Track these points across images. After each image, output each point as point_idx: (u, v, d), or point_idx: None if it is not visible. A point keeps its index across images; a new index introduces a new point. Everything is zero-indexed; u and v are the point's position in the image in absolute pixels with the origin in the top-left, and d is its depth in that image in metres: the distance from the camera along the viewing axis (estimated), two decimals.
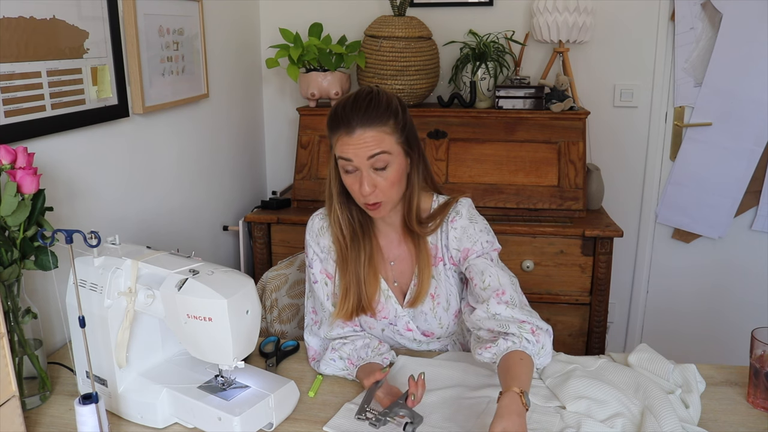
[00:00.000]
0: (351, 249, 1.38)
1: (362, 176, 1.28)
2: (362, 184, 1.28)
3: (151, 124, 1.88)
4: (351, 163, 1.28)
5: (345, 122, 1.27)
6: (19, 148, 1.20)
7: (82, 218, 1.56)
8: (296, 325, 1.81)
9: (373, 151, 1.27)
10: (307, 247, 1.45)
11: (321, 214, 1.46)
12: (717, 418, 1.19)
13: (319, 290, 1.43)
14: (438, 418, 1.17)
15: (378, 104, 1.29)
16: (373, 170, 1.28)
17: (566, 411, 1.18)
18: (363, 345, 1.37)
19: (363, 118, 1.26)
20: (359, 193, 1.29)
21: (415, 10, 2.57)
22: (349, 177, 1.30)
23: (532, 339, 1.21)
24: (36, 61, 1.37)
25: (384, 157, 1.28)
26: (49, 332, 1.45)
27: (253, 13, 2.68)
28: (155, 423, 1.16)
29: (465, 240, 1.37)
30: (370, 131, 1.26)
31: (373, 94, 1.31)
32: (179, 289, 1.08)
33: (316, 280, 1.44)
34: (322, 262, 1.43)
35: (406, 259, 1.43)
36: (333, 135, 1.31)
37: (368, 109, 1.27)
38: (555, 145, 2.29)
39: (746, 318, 2.61)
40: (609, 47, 2.55)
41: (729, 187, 2.57)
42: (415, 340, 1.45)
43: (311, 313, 1.47)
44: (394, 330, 1.44)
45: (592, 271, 2.17)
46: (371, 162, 1.27)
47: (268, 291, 1.76)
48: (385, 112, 1.29)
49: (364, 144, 1.26)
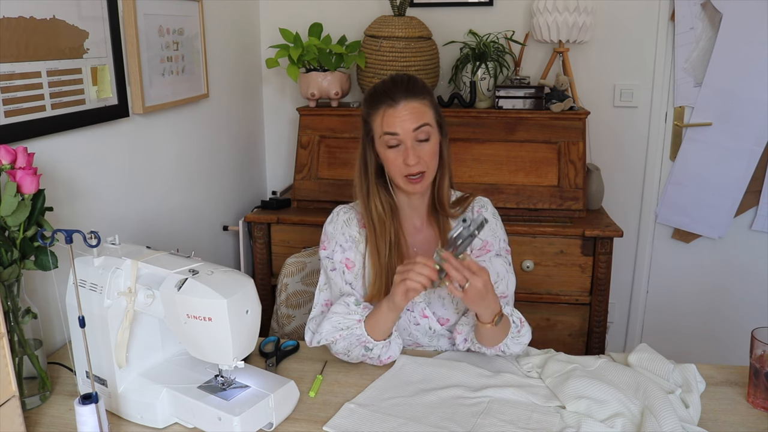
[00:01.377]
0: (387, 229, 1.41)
1: (407, 148, 1.34)
2: (408, 155, 1.33)
3: (151, 124, 1.88)
4: (396, 137, 1.34)
5: (388, 96, 1.34)
6: (19, 148, 1.20)
7: (82, 218, 1.56)
8: (306, 312, 1.84)
9: (418, 122, 1.34)
10: (329, 239, 1.47)
11: (345, 207, 1.51)
12: (717, 418, 1.19)
13: (337, 277, 1.44)
14: (438, 418, 1.17)
15: (416, 81, 1.39)
16: (417, 142, 1.34)
17: (566, 411, 1.19)
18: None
19: (406, 91, 1.34)
20: (403, 165, 1.34)
21: (415, 10, 2.57)
22: (391, 152, 1.35)
23: (517, 321, 1.36)
24: (36, 61, 1.37)
25: (427, 129, 1.35)
26: (49, 332, 1.45)
27: (253, 13, 2.68)
28: (155, 423, 1.16)
29: (488, 232, 1.44)
30: (413, 102, 1.34)
31: (409, 76, 1.40)
32: (179, 289, 1.08)
33: (335, 267, 1.44)
34: (345, 252, 1.44)
35: (428, 243, 1.46)
36: (374, 112, 1.37)
37: (409, 84, 1.36)
38: (555, 145, 2.29)
39: (746, 318, 2.60)
40: (609, 47, 2.55)
41: (729, 187, 2.57)
42: (429, 329, 1.46)
43: (322, 305, 1.46)
44: (410, 317, 1.45)
45: (592, 271, 2.17)
46: (416, 134, 1.34)
47: (282, 275, 1.85)
48: (423, 87, 1.39)
49: (409, 115, 1.33)
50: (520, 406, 1.21)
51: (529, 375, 1.33)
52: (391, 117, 1.33)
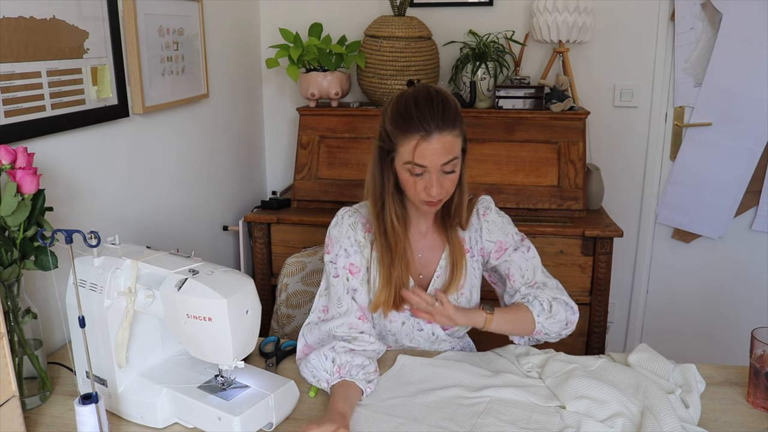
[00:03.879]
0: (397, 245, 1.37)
1: (432, 179, 1.28)
2: (432, 187, 1.29)
3: (151, 124, 1.88)
4: (424, 168, 1.28)
5: (422, 127, 1.26)
6: (19, 148, 1.20)
7: (82, 218, 1.56)
8: (306, 312, 1.83)
9: (448, 157, 1.28)
10: (334, 242, 1.42)
11: (349, 210, 1.45)
12: (717, 418, 1.19)
13: (339, 285, 1.39)
14: (438, 418, 1.17)
15: (450, 108, 1.29)
16: (443, 173, 1.30)
17: (566, 411, 1.19)
18: (359, 364, 1.28)
19: (441, 123, 1.26)
20: (425, 193, 1.30)
21: (415, 10, 2.57)
22: (412, 178, 1.30)
23: (544, 305, 1.37)
24: (36, 61, 1.37)
25: (455, 162, 1.30)
26: (49, 332, 1.45)
27: (253, 13, 2.68)
28: (155, 423, 1.16)
29: (497, 232, 1.44)
30: (446, 136, 1.27)
31: (442, 95, 1.30)
32: (179, 289, 1.08)
33: (338, 274, 1.40)
34: (349, 256, 1.40)
35: (432, 250, 1.45)
36: (404, 138, 1.28)
37: (445, 114, 1.27)
38: (555, 145, 2.29)
39: (746, 318, 2.61)
40: (609, 47, 2.55)
41: (729, 187, 2.57)
42: (432, 334, 1.46)
43: (320, 311, 1.41)
44: (413, 323, 1.44)
45: (592, 271, 2.17)
46: (444, 167, 1.28)
47: (282, 275, 1.84)
48: (456, 114, 1.30)
49: (441, 149, 1.26)
50: (520, 406, 1.21)
51: (529, 375, 1.33)
52: (423, 150, 1.26)
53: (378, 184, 1.37)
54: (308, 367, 1.29)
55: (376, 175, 1.37)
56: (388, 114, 1.32)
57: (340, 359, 1.27)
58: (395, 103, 1.32)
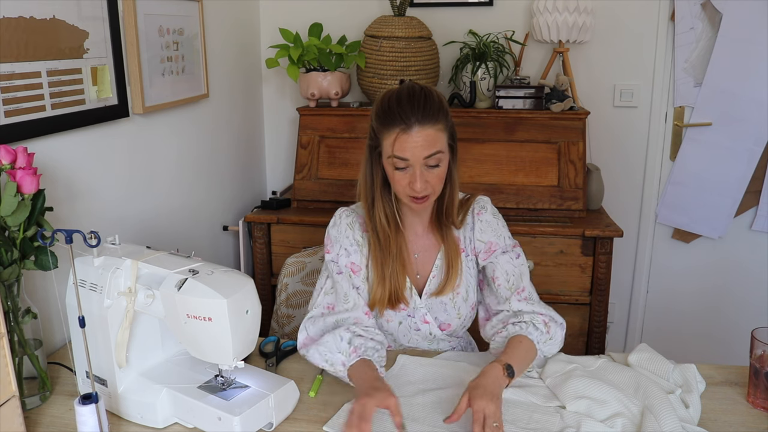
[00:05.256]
0: (391, 241, 1.39)
1: (415, 173, 1.29)
2: (415, 181, 1.29)
3: (151, 124, 1.88)
4: (406, 162, 1.29)
5: (402, 120, 1.27)
6: (19, 148, 1.20)
7: (82, 218, 1.56)
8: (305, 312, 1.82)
9: (430, 150, 1.28)
10: (333, 242, 1.43)
11: (347, 210, 1.46)
12: (717, 418, 1.19)
13: (343, 280, 1.40)
14: (438, 418, 1.17)
15: (432, 102, 1.29)
16: (426, 167, 1.29)
17: (566, 411, 1.19)
18: (373, 347, 1.31)
19: (421, 117, 1.27)
20: (409, 188, 1.31)
21: (415, 10, 2.57)
22: (398, 173, 1.31)
23: (541, 328, 1.32)
24: (36, 61, 1.37)
25: (438, 156, 1.30)
26: (49, 332, 1.45)
27: (253, 13, 2.68)
28: (155, 423, 1.16)
29: (490, 233, 1.43)
30: (427, 129, 1.27)
31: (426, 91, 1.31)
32: (179, 289, 1.08)
33: (341, 271, 1.41)
34: (349, 256, 1.42)
35: (428, 250, 1.45)
36: (386, 131, 1.29)
37: (426, 107, 1.28)
38: (555, 145, 2.29)
39: (746, 318, 2.61)
40: (609, 47, 2.55)
41: (729, 187, 2.57)
42: (430, 334, 1.45)
43: (323, 308, 1.40)
44: (411, 323, 1.44)
45: (592, 271, 2.17)
46: (426, 161, 1.28)
47: (282, 275, 1.84)
48: (439, 110, 1.30)
49: (422, 142, 1.27)
50: (520, 406, 1.21)
51: (529, 375, 1.33)
52: (403, 142, 1.27)
53: (368, 181, 1.38)
54: (320, 351, 1.29)
55: (366, 172, 1.39)
56: (374, 111, 1.35)
57: (356, 341, 1.29)
58: (380, 100, 1.34)
